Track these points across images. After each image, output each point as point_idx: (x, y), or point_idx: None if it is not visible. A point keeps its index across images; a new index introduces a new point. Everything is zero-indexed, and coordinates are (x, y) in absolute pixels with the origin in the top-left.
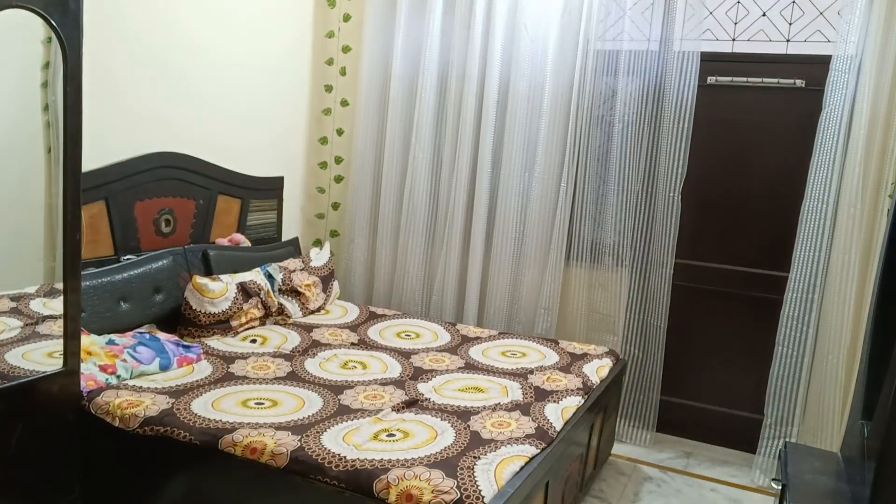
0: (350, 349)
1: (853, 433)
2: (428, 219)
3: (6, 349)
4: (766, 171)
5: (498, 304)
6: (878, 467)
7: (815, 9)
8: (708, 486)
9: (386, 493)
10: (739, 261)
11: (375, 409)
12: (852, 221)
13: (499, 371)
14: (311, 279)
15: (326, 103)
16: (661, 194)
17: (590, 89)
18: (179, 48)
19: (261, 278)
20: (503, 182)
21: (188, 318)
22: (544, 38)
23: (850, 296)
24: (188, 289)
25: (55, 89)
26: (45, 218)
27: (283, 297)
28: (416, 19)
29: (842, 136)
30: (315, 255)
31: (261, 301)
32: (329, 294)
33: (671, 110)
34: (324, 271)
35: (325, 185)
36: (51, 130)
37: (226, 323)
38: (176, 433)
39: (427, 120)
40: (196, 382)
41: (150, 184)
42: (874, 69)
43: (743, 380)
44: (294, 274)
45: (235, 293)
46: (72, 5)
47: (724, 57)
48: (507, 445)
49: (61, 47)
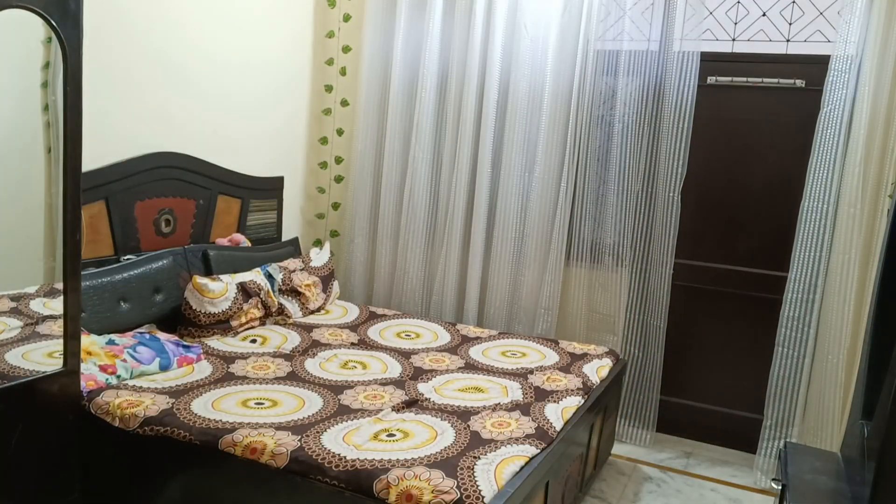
0: (350, 349)
1: (853, 433)
2: (428, 219)
3: (6, 349)
4: (765, 171)
5: (498, 304)
6: (878, 467)
7: (815, 9)
8: (708, 486)
9: (386, 493)
10: (739, 261)
11: (375, 409)
12: (852, 221)
13: (499, 371)
14: (311, 279)
15: (327, 103)
16: (661, 194)
17: (590, 89)
18: (179, 47)
19: (261, 278)
20: (503, 182)
21: (188, 318)
22: (544, 38)
23: (850, 296)
24: (188, 289)
25: (55, 89)
26: (45, 218)
27: (283, 297)
28: (416, 19)
29: (842, 136)
30: (315, 255)
31: (261, 301)
32: (329, 294)
33: (671, 110)
34: (324, 271)
35: (325, 185)
36: (51, 130)
37: (226, 323)
38: (176, 433)
39: (427, 120)
40: (196, 382)
41: (149, 184)
42: (874, 69)
43: (743, 380)
44: (294, 274)
45: (235, 293)
46: (72, 5)
47: (724, 57)
48: (507, 445)
49: (61, 47)
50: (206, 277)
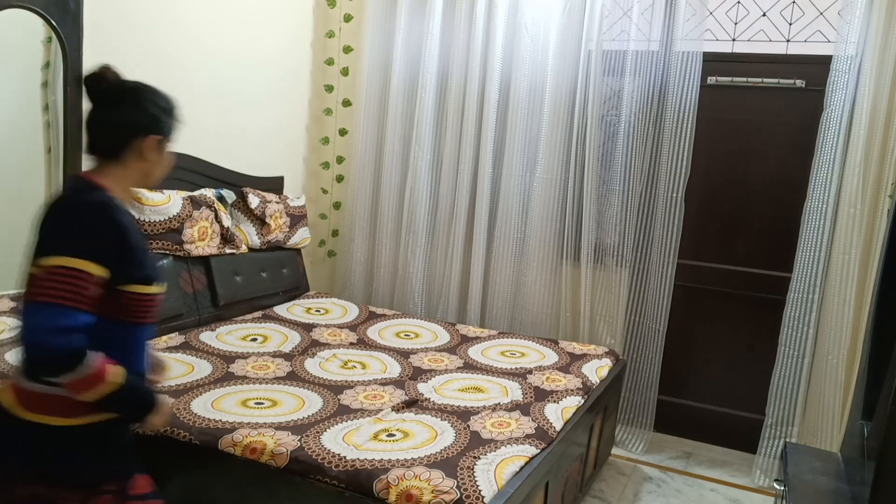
0: (349, 349)
1: (853, 433)
2: (428, 219)
3: (6, 349)
4: (766, 172)
5: (500, 304)
6: (878, 467)
7: (815, 9)
8: (708, 486)
9: (386, 493)
10: (740, 261)
11: (375, 409)
12: (852, 222)
13: (498, 371)
14: (283, 215)
15: (328, 103)
16: (663, 195)
17: (591, 89)
18: (179, 47)
19: (210, 192)
20: (504, 182)
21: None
22: (545, 39)
23: (850, 296)
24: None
25: (55, 89)
26: None
27: (246, 223)
28: (416, 19)
29: (842, 136)
30: (293, 198)
31: (213, 214)
32: (293, 234)
33: (673, 111)
34: (297, 211)
35: (327, 186)
36: (51, 130)
37: (178, 233)
38: (176, 433)
39: (427, 120)
40: (196, 382)
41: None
42: (874, 69)
43: (743, 380)
44: (269, 204)
45: (182, 201)
46: (72, 5)
47: (724, 57)
48: (506, 445)
49: (61, 47)
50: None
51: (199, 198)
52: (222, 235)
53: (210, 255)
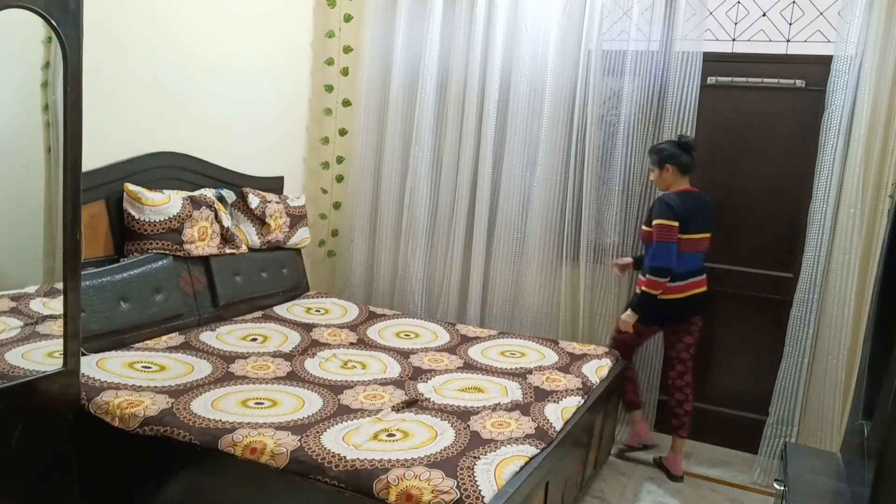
0: (349, 349)
1: (853, 433)
2: (428, 219)
3: (6, 349)
4: (766, 172)
5: (500, 304)
6: (878, 467)
7: (815, 9)
8: (708, 486)
9: (386, 493)
10: (740, 261)
11: (375, 409)
12: (852, 222)
13: (498, 371)
14: (283, 215)
15: (328, 103)
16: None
17: (591, 89)
18: (179, 46)
19: (210, 192)
20: (504, 182)
21: (133, 231)
22: (545, 39)
23: (850, 296)
24: (125, 199)
25: (55, 89)
26: (45, 218)
27: (246, 223)
28: (416, 19)
29: (842, 136)
30: (293, 197)
31: (214, 214)
32: (293, 234)
33: (673, 111)
34: (297, 211)
35: (327, 186)
36: (51, 130)
37: (178, 233)
38: (176, 433)
39: (427, 120)
40: (196, 382)
41: (150, 183)
42: (874, 69)
43: (743, 380)
44: (269, 204)
45: (182, 201)
46: (72, 5)
47: (724, 57)
48: (506, 445)
49: (61, 47)
50: (140, 187)
51: (199, 198)
52: (222, 235)
53: (210, 255)
